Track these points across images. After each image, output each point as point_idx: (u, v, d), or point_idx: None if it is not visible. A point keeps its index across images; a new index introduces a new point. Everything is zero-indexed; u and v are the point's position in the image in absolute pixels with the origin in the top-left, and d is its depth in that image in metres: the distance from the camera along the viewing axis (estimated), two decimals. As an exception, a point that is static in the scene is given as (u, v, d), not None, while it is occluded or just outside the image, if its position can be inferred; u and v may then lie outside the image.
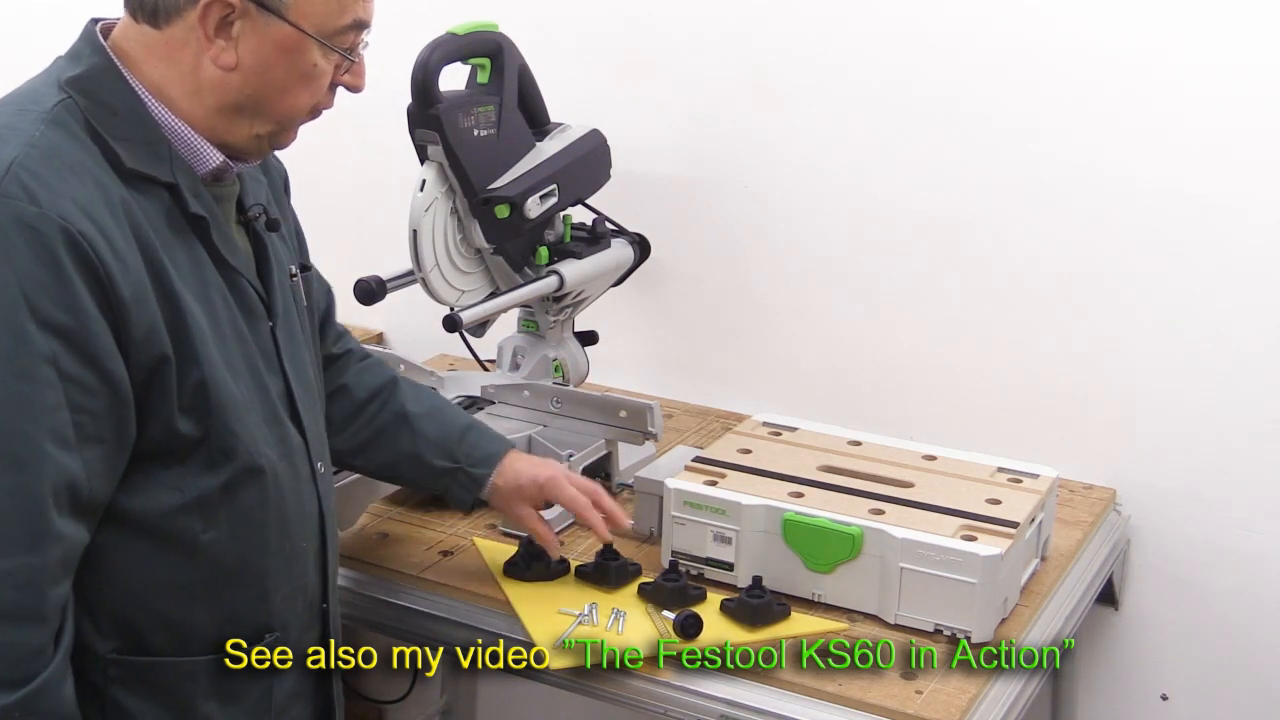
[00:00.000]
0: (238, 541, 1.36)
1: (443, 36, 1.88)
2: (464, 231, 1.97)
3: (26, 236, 1.19)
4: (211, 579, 1.36)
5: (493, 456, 1.69)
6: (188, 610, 1.35)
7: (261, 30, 1.31)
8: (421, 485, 1.75)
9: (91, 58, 1.32)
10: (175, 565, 1.33)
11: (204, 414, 1.31)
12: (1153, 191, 1.96)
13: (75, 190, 1.24)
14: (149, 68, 1.32)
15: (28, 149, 1.24)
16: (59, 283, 1.20)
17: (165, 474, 1.31)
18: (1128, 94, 1.95)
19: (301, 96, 1.36)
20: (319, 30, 1.33)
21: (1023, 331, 2.09)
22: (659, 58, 2.25)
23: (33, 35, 2.72)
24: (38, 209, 1.20)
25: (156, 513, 1.31)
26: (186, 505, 1.32)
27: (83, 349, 1.22)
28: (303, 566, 1.45)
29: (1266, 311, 1.93)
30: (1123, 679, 2.13)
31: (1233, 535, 2.00)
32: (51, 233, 1.20)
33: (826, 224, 2.20)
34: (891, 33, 2.08)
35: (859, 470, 1.80)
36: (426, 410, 1.70)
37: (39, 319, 1.19)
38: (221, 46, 1.31)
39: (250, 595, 1.39)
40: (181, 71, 1.32)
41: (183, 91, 1.33)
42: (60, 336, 1.20)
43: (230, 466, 1.34)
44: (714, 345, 2.35)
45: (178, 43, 1.31)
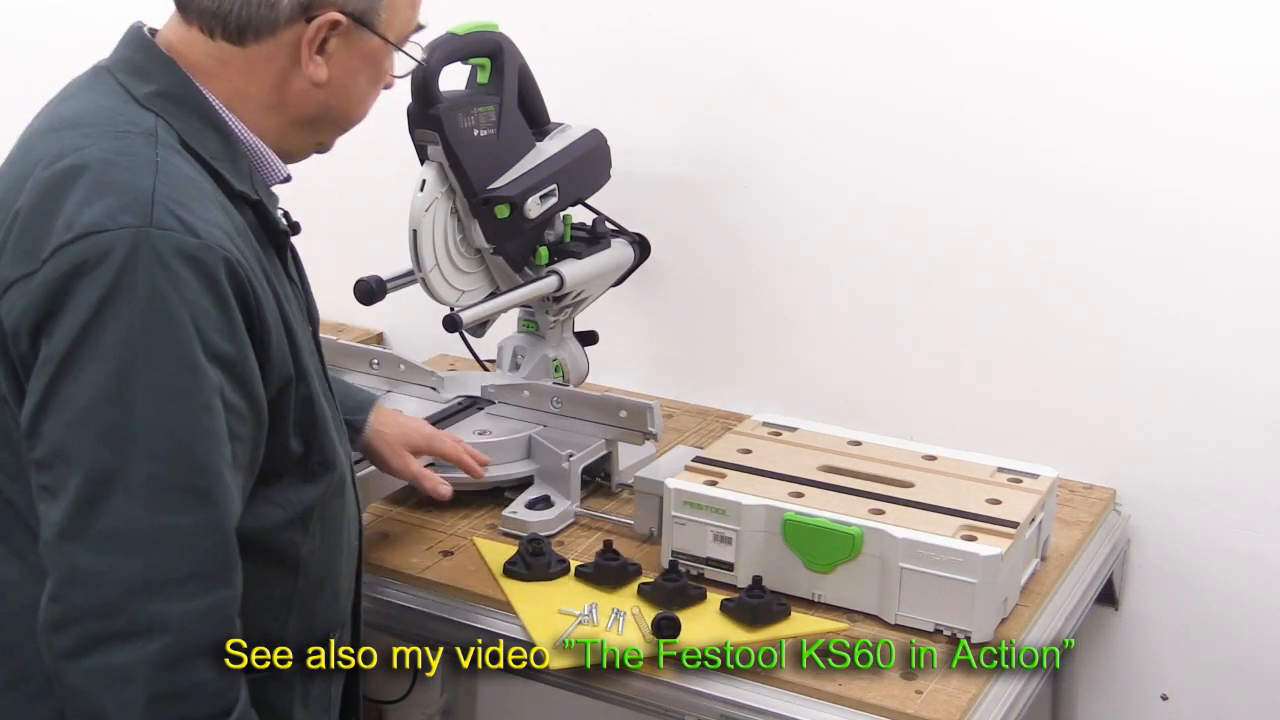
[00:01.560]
0: (327, 550, 1.37)
1: (443, 36, 1.88)
2: (464, 231, 1.97)
3: (192, 268, 1.17)
4: (306, 589, 1.36)
5: (364, 404, 1.73)
6: (283, 622, 1.35)
7: (355, 44, 1.31)
8: None
9: (163, 73, 1.29)
10: (276, 580, 1.33)
11: (309, 429, 1.32)
12: (1153, 192, 1.96)
13: (216, 217, 1.22)
14: (223, 82, 1.30)
15: (162, 178, 1.20)
16: (223, 313, 1.18)
17: (267, 491, 1.30)
18: (1128, 95, 1.95)
19: (370, 102, 1.38)
20: (398, 37, 1.35)
21: (1023, 331, 2.09)
22: (659, 58, 2.25)
23: (14, 32, 2.74)
24: (198, 240, 1.18)
25: (262, 530, 1.29)
26: (290, 520, 1.32)
27: (240, 378, 1.21)
28: (352, 564, 1.47)
29: (1267, 311, 1.92)
30: (1123, 679, 2.13)
31: (1233, 535, 2.00)
32: (215, 263, 1.18)
33: (827, 224, 2.20)
34: (892, 33, 2.08)
35: (859, 470, 1.80)
36: None
37: (208, 351, 1.17)
38: (319, 63, 1.30)
39: (328, 600, 1.40)
40: (262, 86, 1.30)
41: (259, 106, 1.31)
42: (225, 367, 1.19)
43: (328, 477, 1.34)
44: (714, 345, 2.35)
45: (262, 59, 1.29)
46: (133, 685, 1.14)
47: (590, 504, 1.93)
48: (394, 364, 2.12)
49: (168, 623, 1.14)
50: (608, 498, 1.97)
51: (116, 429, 1.14)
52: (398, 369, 2.12)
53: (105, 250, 1.15)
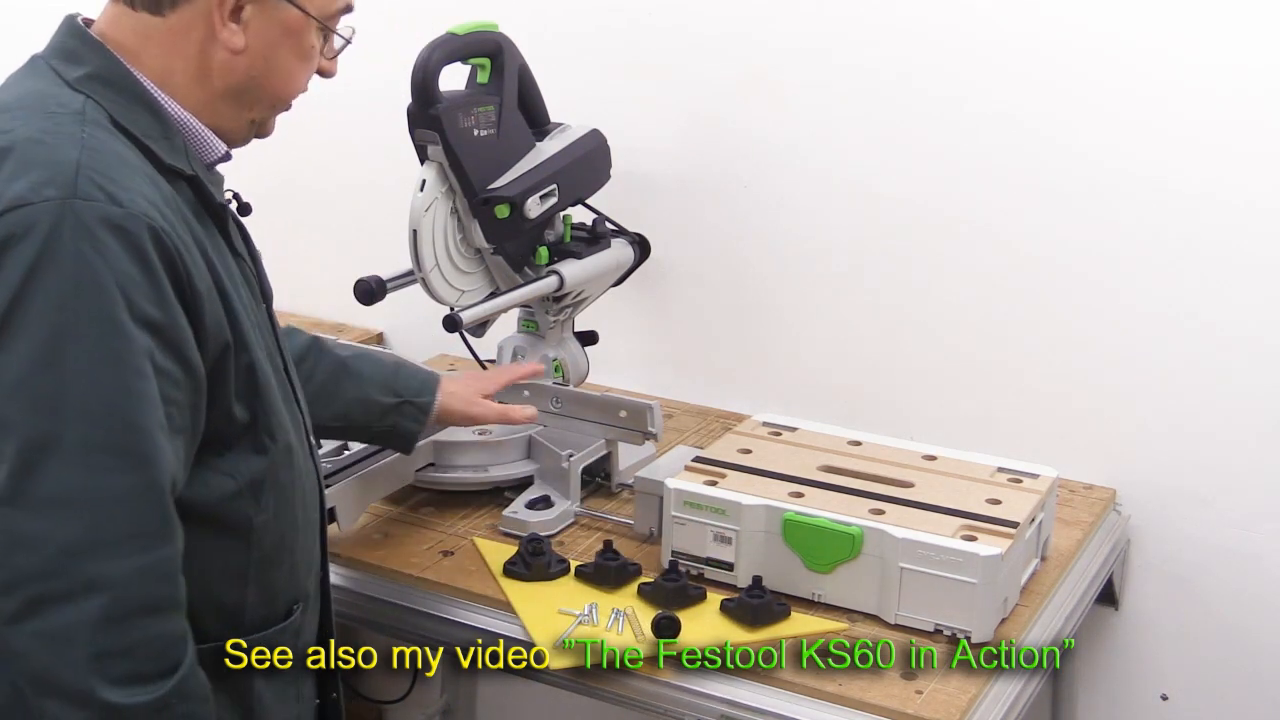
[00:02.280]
0: (279, 520, 1.39)
1: (443, 36, 1.88)
2: (464, 231, 1.97)
3: (117, 236, 1.20)
4: (261, 560, 1.38)
5: (429, 383, 1.78)
6: (240, 592, 1.37)
7: (270, 13, 1.33)
8: (368, 429, 1.77)
9: (93, 55, 1.32)
10: (230, 550, 1.35)
11: (253, 397, 1.34)
12: (1153, 192, 1.96)
13: (143, 188, 1.25)
14: (149, 58, 1.33)
15: (88, 152, 1.23)
16: (150, 279, 1.21)
17: (218, 461, 1.32)
18: (1127, 97, 1.95)
19: (299, 78, 1.39)
20: (320, 12, 1.36)
21: (1023, 331, 2.09)
22: (659, 58, 2.25)
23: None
24: (122, 209, 1.21)
25: (213, 500, 1.32)
26: (241, 490, 1.34)
27: (171, 343, 1.23)
28: (313, 537, 1.48)
29: (1267, 311, 1.92)
30: (1123, 679, 2.13)
31: (1233, 535, 2.00)
32: (139, 231, 1.21)
33: (827, 224, 2.20)
34: (892, 32, 2.08)
35: (859, 470, 1.80)
36: (357, 354, 1.77)
37: (135, 316, 1.20)
38: (233, 30, 1.32)
39: (285, 570, 1.42)
40: (185, 58, 1.33)
41: (186, 79, 1.33)
42: (154, 332, 1.22)
43: (275, 447, 1.36)
44: (714, 345, 2.35)
45: (182, 28, 1.32)
46: (75, 645, 1.16)
47: (590, 504, 1.93)
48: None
49: (107, 582, 1.17)
50: (608, 498, 1.97)
51: (50, 395, 1.17)
52: (398, 369, 2.12)
53: (31, 222, 1.18)
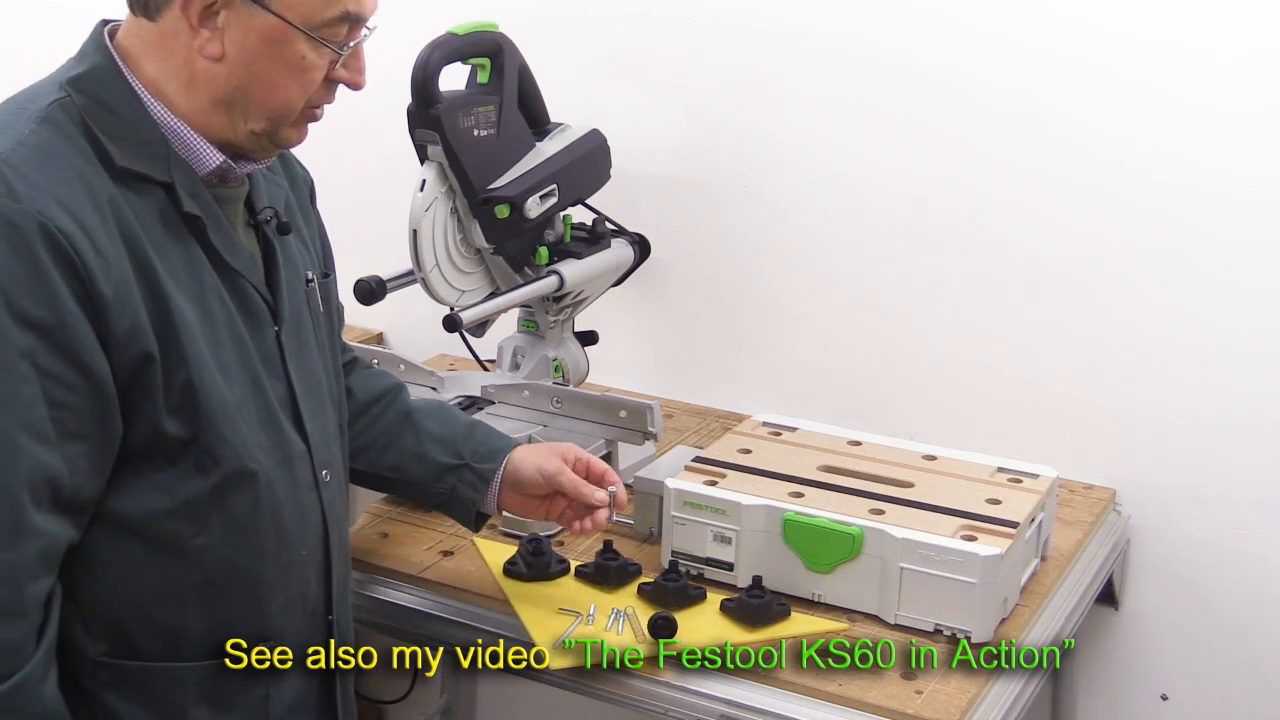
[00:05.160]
0: (230, 547, 1.36)
1: (443, 36, 1.88)
2: (464, 231, 1.97)
3: (4, 232, 1.20)
4: (203, 583, 1.35)
5: (499, 450, 1.64)
6: (179, 615, 1.35)
7: (246, 20, 1.31)
8: (424, 488, 1.67)
9: (94, 57, 1.33)
10: (165, 568, 1.33)
11: (192, 415, 1.31)
12: (1153, 191, 1.96)
13: (58, 187, 1.24)
14: (147, 63, 1.33)
15: (16, 146, 1.25)
16: (36, 278, 1.21)
17: (156, 476, 1.31)
18: (1126, 98, 1.95)
19: (290, 90, 1.34)
20: (305, 22, 1.31)
21: (1023, 331, 2.09)
22: (659, 58, 2.25)
23: (41, 38, 2.73)
24: (16, 204, 1.21)
25: (146, 515, 1.31)
26: (175, 508, 1.32)
27: (61, 345, 1.22)
28: (302, 575, 1.44)
29: (1268, 311, 1.92)
30: (1123, 679, 2.13)
31: (1233, 535, 2.00)
32: (29, 228, 1.21)
33: (827, 224, 2.20)
34: (892, 32, 2.08)
35: (859, 470, 1.80)
36: (430, 409, 1.69)
37: (15, 314, 1.20)
38: (207, 36, 1.31)
39: (244, 602, 1.39)
40: (175, 64, 1.33)
41: (178, 86, 1.33)
42: (37, 332, 1.21)
43: (219, 470, 1.33)
44: (714, 345, 2.35)
45: (170, 34, 1.32)
46: None
47: (590, 504, 1.93)
48: (394, 364, 2.12)
49: None
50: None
51: None
52: (398, 369, 2.12)
53: None
